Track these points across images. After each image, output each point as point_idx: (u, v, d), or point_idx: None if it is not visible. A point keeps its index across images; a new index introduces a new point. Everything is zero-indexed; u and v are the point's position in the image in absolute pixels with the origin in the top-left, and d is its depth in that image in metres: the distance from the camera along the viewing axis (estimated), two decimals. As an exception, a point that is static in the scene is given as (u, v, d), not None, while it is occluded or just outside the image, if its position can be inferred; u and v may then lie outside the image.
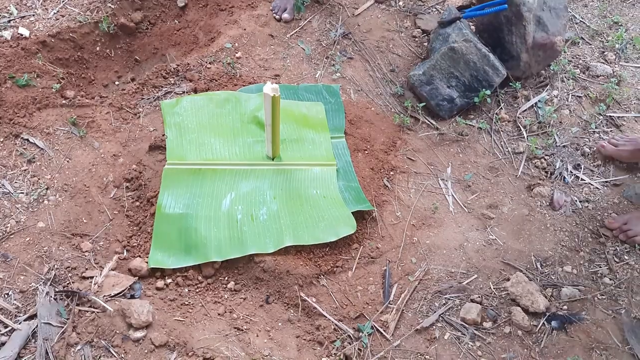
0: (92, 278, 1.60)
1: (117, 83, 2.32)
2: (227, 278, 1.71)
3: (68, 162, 1.88)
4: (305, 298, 1.67)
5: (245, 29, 2.42)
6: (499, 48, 2.25)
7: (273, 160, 1.96)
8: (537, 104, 2.26)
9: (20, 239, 1.66)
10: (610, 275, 1.79)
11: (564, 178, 2.03)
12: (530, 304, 1.66)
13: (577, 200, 1.98)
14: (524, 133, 2.18)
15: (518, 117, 2.23)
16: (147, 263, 1.68)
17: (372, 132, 2.15)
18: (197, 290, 1.67)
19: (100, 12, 2.34)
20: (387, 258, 1.81)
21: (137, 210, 1.84)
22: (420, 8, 2.60)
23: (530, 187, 2.02)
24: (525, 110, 2.26)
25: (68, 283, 1.57)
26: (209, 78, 2.22)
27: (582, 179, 2.03)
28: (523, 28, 2.17)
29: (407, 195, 1.99)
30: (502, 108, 2.26)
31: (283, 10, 2.49)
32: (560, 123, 2.22)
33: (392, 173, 2.05)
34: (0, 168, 1.80)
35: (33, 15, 2.26)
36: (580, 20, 2.59)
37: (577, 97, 2.30)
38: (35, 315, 1.49)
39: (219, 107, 2.08)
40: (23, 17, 2.25)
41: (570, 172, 2.07)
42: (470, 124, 2.22)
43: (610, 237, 1.88)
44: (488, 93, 2.18)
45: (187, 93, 2.16)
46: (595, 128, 2.19)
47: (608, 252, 1.84)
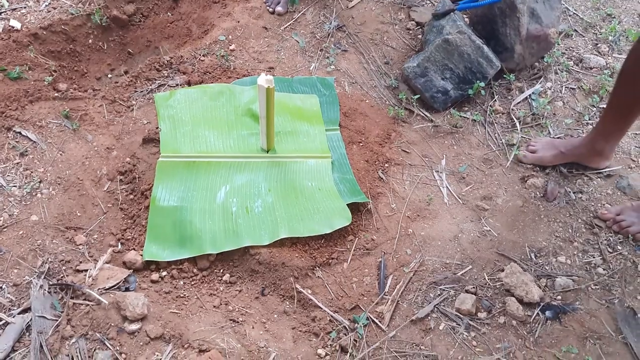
0: (86, 271, 1.60)
1: (110, 76, 2.31)
2: (222, 270, 1.71)
3: (61, 155, 1.86)
4: (301, 290, 1.67)
5: (239, 22, 2.41)
6: (493, 40, 2.26)
7: (268, 153, 1.95)
8: (530, 96, 2.27)
9: (14, 233, 1.65)
10: (604, 266, 1.80)
11: (558, 169, 2.04)
12: (525, 295, 1.67)
13: (570, 192, 1.98)
14: (518, 125, 2.18)
15: (512, 109, 2.23)
16: (141, 256, 1.67)
17: (366, 124, 2.15)
18: (192, 283, 1.66)
19: (93, 4, 2.33)
20: (382, 250, 1.81)
21: (131, 203, 1.83)
22: (414, 0, 2.59)
23: (524, 178, 2.03)
24: (519, 102, 2.26)
25: (62, 276, 1.57)
26: (203, 71, 2.21)
27: (575, 170, 2.04)
28: (517, 20, 2.17)
29: (401, 187, 1.99)
30: (496, 100, 2.27)
31: (277, 3, 2.48)
32: (554, 115, 2.22)
33: (386, 165, 2.05)
34: (-7, 161, 1.79)
35: (24, 8, 2.24)
36: (574, 12, 2.59)
37: (570, 89, 2.31)
38: (29, 309, 1.48)
39: (213, 99, 2.07)
40: (14, 9, 2.23)
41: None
42: (465, 116, 2.22)
43: (604, 227, 1.89)
44: (482, 85, 2.18)
45: (180, 86, 2.15)
46: (589, 120, 2.20)
47: (602, 242, 1.85)
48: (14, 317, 1.47)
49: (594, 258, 1.82)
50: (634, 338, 1.63)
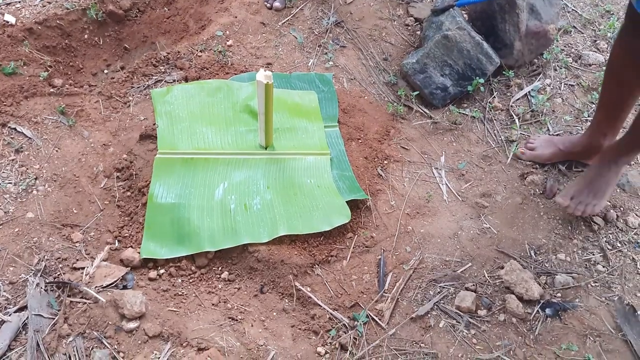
0: (83, 269, 1.58)
1: (106, 71, 2.28)
2: (220, 268, 1.69)
3: (57, 151, 1.84)
4: (300, 287, 1.66)
5: (237, 17, 2.38)
6: (492, 36, 2.24)
7: (266, 150, 1.94)
8: (530, 93, 2.26)
9: (9, 230, 1.63)
10: (604, 263, 1.80)
11: (557, 166, 2.03)
12: (525, 292, 1.66)
13: (570, 189, 1.98)
14: (517, 122, 2.17)
15: (511, 105, 2.22)
16: (139, 253, 1.66)
17: (365, 121, 2.14)
18: (190, 281, 1.65)
19: (88, -2, 2.30)
20: (381, 247, 1.80)
21: (128, 200, 1.81)
22: (413, -4, 2.58)
23: (524, 175, 2.02)
24: (519, 99, 2.25)
25: (59, 274, 1.55)
26: (200, 66, 2.19)
27: (574, 168, 2.03)
28: (516, 16, 2.16)
29: (401, 184, 1.98)
30: (495, 97, 2.26)
31: (274, -2, 2.46)
32: (553, 112, 2.22)
33: (385, 162, 2.04)
34: (-13, 158, 1.77)
35: (19, 2, 2.21)
36: (572, 9, 2.59)
37: (569, 85, 2.30)
38: (26, 307, 1.47)
39: (211, 95, 2.05)
40: (9, 3, 2.20)
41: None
42: (464, 113, 2.21)
43: (603, 225, 1.88)
44: (481, 81, 2.17)
45: (177, 81, 2.13)
46: (588, 116, 2.19)
47: (601, 239, 1.85)
48: (10, 315, 1.45)
49: (594, 255, 1.82)
50: (634, 335, 1.63)
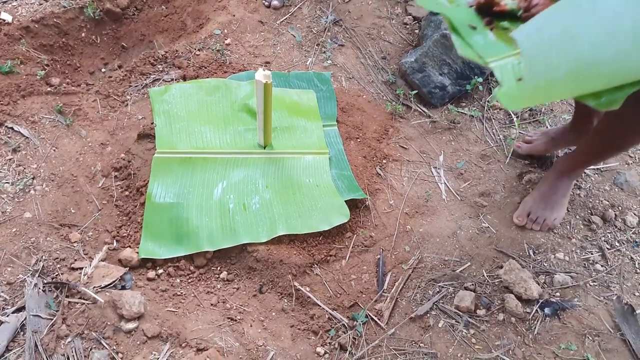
0: (81, 269, 1.57)
1: (103, 70, 2.27)
2: (219, 268, 1.69)
3: (54, 151, 1.83)
4: (299, 287, 1.66)
5: (235, 15, 2.37)
6: (491, 35, 2.24)
7: (265, 149, 1.93)
8: (528, 92, 2.26)
9: (7, 230, 1.62)
10: (602, 262, 1.80)
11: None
12: (524, 291, 1.66)
13: (568, 188, 1.98)
14: (516, 121, 2.17)
15: (510, 104, 2.22)
16: (137, 253, 1.65)
17: (364, 120, 2.13)
18: (189, 281, 1.65)
19: (85, -3, 2.29)
20: (380, 246, 1.80)
21: (126, 200, 1.80)
22: (412, -5, 2.58)
23: (522, 174, 2.02)
24: (517, 98, 2.25)
25: (57, 274, 1.54)
26: (198, 65, 2.18)
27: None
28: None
29: (399, 184, 1.98)
30: (494, 96, 2.25)
31: (273, -4, 2.45)
32: (552, 110, 2.22)
33: (384, 161, 2.04)
34: (-16, 157, 1.76)
35: (16, 0, 2.20)
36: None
37: (568, 84, 2.30)
38: (24, 308, 1.46)
39: (209, 94, 2.04)
40: (5, 1, 2.18)
41: (562, 159, 2.07)
42: (462, 112, 2.21)
43: (602, 224, 1.88)
44: (480, 80, 2.17)
45: (175, 80, 2.12)
46: (586, 116, 2.19)
47: (599, 238, 1.85)
48: (8, 316, 1.44)
49: (592, 254, 1.82)
50: (632, 334, 1.63)
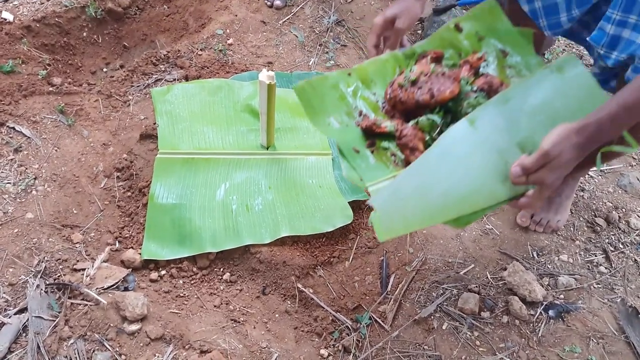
0: (83, 270, 1.56)
1: (105, 70, 2.26)
2: (222, 269, 1.68)
3: (56, 151, 1.82)
4: (302, 289, 1.65)
5: (237, 15, 2.37)
6: (494, 36, 2.23)
7: (267, 150, 1.93)
8: (531, 93, 2.25)
9: (8, 231, 1.60)
10: (606, 264, 1.79)
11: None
12: (528, 294, 1.66)
13: (572, 190, 1.98)
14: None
15: (513, 106, 2.22)
16: (140, 254, 1.64)
17: (367, 120, 2.13)
18: (192, 282, 1.64)
19: (87, -4, 2.28)
20: (384, 248, 1.79)
21: (128, 201, 1.79)
22: (414, -5, 2.57)
23: (526, 176, 2.02)
24: (520, 99, 2.24)
25: (59, 275, 1.53)
26: (201, 65, 2.17)
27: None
28: (519, 16, 2.15)
29: (403, 185, 1.97)
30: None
31: (275, -4, 2.45)
32: (555, 112, 2.21)
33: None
34: (-14, 157, 1.75)
35: (17, -1, 2.19)
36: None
37: (571, 86, 2.29)
38: (26, 309, 1.45)
39: (211, 95, 2.03)
40: (6, 0, 2.17)
41: (565, 161, 2.06)
42: (465, 113, 2.20)
43: (605, 226, 1.88)
44: (483, 82, 2.16)
45: (178, 80, 2.11)
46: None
47: (603, 240, 1.85)
48: (10, 317, 1.43)
49: (596, 257, 1.81)
50: (637, 337, 1.63)
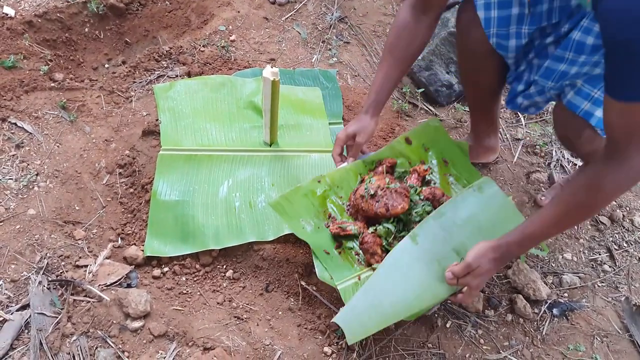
0: (86, 267, 1.55)
1: (107, 66, 2.25)
2: (225, 266, 1.67)
3: (58, 147, 1.81)
4: (306, 286, 1.64)
5: (239, 12, 2.36)
6: (498, 34, 2.23)
7: (270, 147, 1.92)
8: (535, 91, 2.25)
9: (10, 227, 1.60)
10: (610, 263, 1.79)
11: (562, 165, 2.02)
12: (532, 292, 1.65)
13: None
14: (522, 120, 2.16)
15: (516, 103, 2.21)
16: (142, 251, 1.63)
17: (370, 118, 2.12)
18: (195, 279, 1.63)
19: (89, -9, 2.26)
20: (387, 246, 1.78)
21: (131, 197, 1.78)
22: (417, -8, 2.56)
23: (529, 174, 2.01)
24: (524, 97, 2.24)
25: (61, 272, 1.52)
26: (203, 61, 2.16)
27: (579, 166, 2.02)
28: (523, 13, 2.15)
29: (406, 182, 1.97)
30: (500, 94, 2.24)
31: (278, -7, 2.44)
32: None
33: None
34: (-12, 153, 1.74)
35: (18, -6, 2.18)
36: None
37: (574, 84, 2.29)
38: (28, 306, 1.44)
39: (214, 91, 2.02)
40: (8, -5, 2.16)
41: (568, 159, 2.06)
42: (469, 111, 2.19)
43: (609, 225, 1.88)
44: (487, 79, 2.16)
45: (180, 77, 2.10)
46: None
47: (607, 239, 1.84)
48: (12, 314, 1.42)
49: (600, 255, 1.81)
50: (641, 336, 1.63)
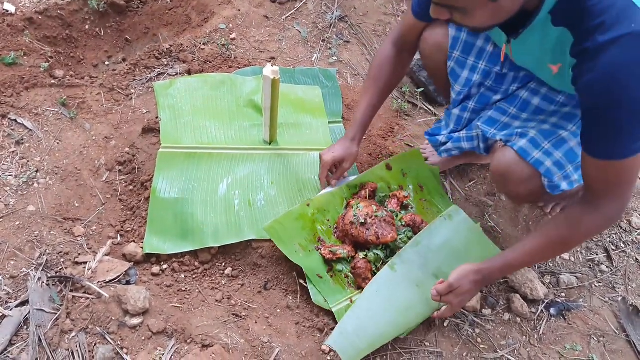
0: (85, 263, 1.56)
1: (107, 63, 2.25)
2: (224, 264, 1.68)
3: (58, 144, 1.81)
4: (304, 284, 1.65)
5: (240, 10, 2.36)
6: (498, 34, 2.23)
7: (270, 145, 1.92)
8: (534, 91, 2.25)
9: (10, 223, 1.60)
10: (607, 263, 1.80)
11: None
12: (530, 292, 1.66)
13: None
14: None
15: (515, 104, 2.21)
16: (142, 248, 1.64)
17: (369, 117, 2.12)
18: (193, 276, 1.63)
19: (90, -11, 2.26)
20: (386, 244, 1.79)
21: (130, 195, 1.79)
22: (418, -8, 2.56)
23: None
24: (523, 98, 2.24)
25: (61, 268, 1.53)
26: (203, 59, 2.17)
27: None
28: (523, 14, 2.15)
29: (405, 182, 1.97)
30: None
31: (278, -8, 2.45)
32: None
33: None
34: (-12, 149, 1.74)
35: (19, -9, 2.17)
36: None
37: (573, 85, 2.29)
38: (27, 302, 1.44)
39: (214, 89, 2.03)
40: (8, -8, 2.16)
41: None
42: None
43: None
44: (486, 79, 2.17)
45: (180, 75, 2.10)
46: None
47: (605, 239, 1.85)
48: (12, 310, 1.43)
49: (597, 255, 1.82)
50: (637, 336, 1.63)
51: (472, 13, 1.09)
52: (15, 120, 1.82)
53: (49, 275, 1.50)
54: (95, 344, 1.40)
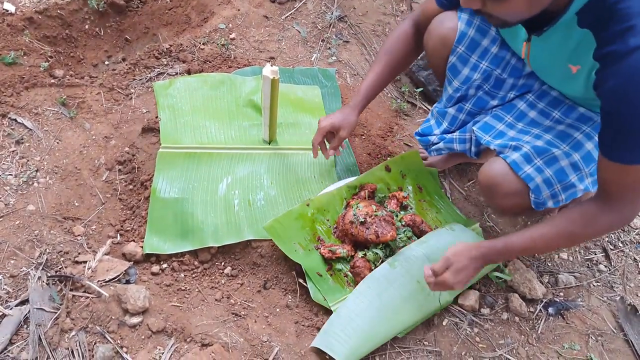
0: (85, 263, 1.56)
1: (107, 63, 2.25)
2: (223, 263, 1.68)
3: (58, 143, 1.82)
4: (303, 284, 1.65)
5: (239, 10, 2.36)
6: (497, 34, 2.24)
7: (269, 145, 1.93)
8: (533, 91, 2.26)
9: (10, 222, 1.60)
10: (605, 263, 1.80)
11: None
12: (528, 291, 1.66)
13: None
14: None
15: (514, 104, 2.22)
16: (141, 248, 1.64)
17: (368, 117, 2.13)
18: (193, 276, 1.64)
19: (89, -12, 2.27)
20: (385, 244, 1.79)
21: (130, 194, 1.79)
22: (417, -8, 2.57)
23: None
24: (522, 98, 2.25)
25: (61, 268, 1.53)
26: (203, 59, 2.17)
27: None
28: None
29: (404, 181, 1.98)
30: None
31: (278, -8, 2.45)
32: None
33: (389, 159, 2.03)
34: (-13, 149, 1.74)
35: (19, -9, 2.18)
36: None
37: (572, 85, 2.30)
38: (27, 301, 1.44)
39: (214, 89, 2.03)
40: (8, -8, 2.16)
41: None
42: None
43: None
44: (485, 79, 2.17)
45: (180, 74, 2.11)
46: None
47: (603, 239, 1.85)
48: (11, 309, 1.43)
49: (596, 255, 1.82)
50: (635, 335, 1.64)
51: (509, 1, 1.07)
52: (15, 120, 1.82)
53: (49, 275, 1.50)
54: (95, 343, 1.40)
